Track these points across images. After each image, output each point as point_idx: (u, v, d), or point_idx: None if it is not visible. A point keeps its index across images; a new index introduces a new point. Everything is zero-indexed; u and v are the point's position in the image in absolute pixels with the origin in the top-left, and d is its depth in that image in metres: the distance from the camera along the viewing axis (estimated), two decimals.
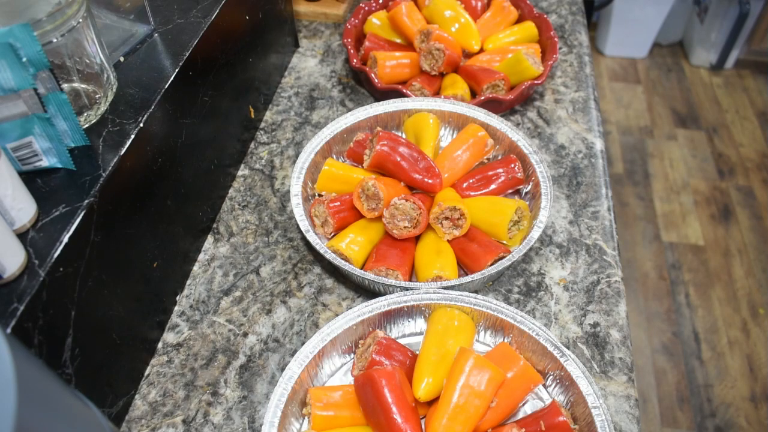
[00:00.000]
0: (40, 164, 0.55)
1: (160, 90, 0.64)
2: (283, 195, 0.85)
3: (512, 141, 0.82)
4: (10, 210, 0.48)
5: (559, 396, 0.62)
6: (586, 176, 0.86)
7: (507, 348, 0.63)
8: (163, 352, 0.69)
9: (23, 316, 0.46)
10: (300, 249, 0.79)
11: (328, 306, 0.73)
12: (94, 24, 0.58)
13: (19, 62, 0.47)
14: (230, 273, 0.76)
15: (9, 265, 0.47)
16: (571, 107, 0.97)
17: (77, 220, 0.52)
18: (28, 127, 0.52)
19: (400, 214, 0.72)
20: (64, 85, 0.59)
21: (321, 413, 0.59)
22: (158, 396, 0.65)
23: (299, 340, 0.70)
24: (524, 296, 0.73)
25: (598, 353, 0.68)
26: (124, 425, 0.63)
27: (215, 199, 0.82)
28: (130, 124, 0.60)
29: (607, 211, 0.82)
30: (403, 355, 0.63)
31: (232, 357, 0.68)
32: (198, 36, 0.71)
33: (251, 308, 0.73)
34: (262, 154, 0.90)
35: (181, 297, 0.74)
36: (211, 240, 0.80)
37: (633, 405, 0.64)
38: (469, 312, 0.66)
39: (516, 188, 0.81)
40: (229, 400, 0.65)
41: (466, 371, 0.57)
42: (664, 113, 2.49)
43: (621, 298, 0.73)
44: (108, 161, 0.57)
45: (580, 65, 1.05)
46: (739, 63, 2.70)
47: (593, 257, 0.77)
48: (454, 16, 0.99)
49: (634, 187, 2.21)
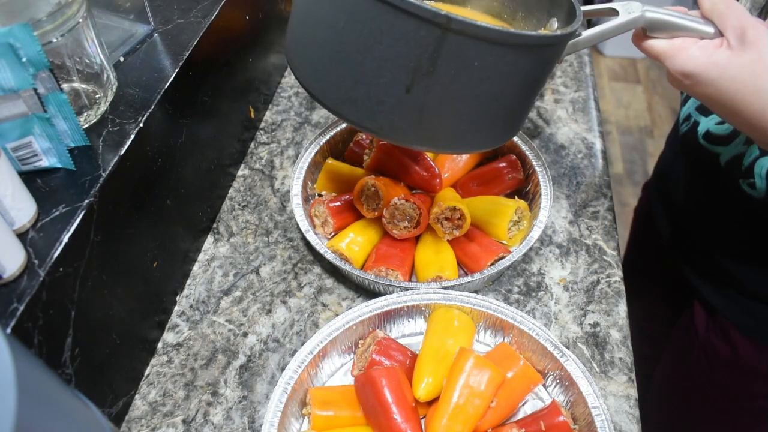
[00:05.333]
0: (40, 164, 0.55)
1: (160, 90, 0.64)
2: (283, 195, 0.85)
3: (512, 141, 0.82)
4: (10, 210, 0.48)
5: (559, 396, 0.62)
6: (586, 176, 0.86)
7: (507, 348, 0.63)
8: (163, 352, 0.69)
9: (23, 316, 0.46)
10: (300, 249, 0.79)
11: (328, 306, 0.73)
12: (94, 24, 0.58)
13: (19, 62, 0.47)
14: (230, 273, 0.76)
15: (9, 265, 0.47)
16: (570, 107, 0.97)
17: (77, 220, 0.52)
18: (28, 127, 0.52)
19: (400, 214, 0.72)
20: (64, 85, 0.59)
21: (321, 413, 0.59)
22: (158, 396, 0.65)
23: (299, 340, 0.70)
24: (524, 296, 0.73)
25: (598, 353, 0.68)
26: (124, 425, 0.63)
27: (215, 199, 0.82)
28: (130, 124, 0.60)
29: (607, 211, 0.82)
30: (403, 355, 0.63)
31: (232, 357, 0.68)
32: (198, 36, 0.71)
33: (251, 308, 0.73)
34: (262, 154, 0.90)
35: (181, 297, 0.74)
36: (211, 240, 0.80)
37: (633, 405, 0.64)
38: (469, 312, 0.66)
39: (516, 188, 0.81)
40: (229, 400, 0.65)
41: (466, 371, 0.57)
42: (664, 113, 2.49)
43: (621, 298, 0.73)
44: (108, 161, 0.57)
45: (580, 65, 1.05)
46: None
47: (593, 257, 0.77)
48: None
49: (634, 187, 2.21)
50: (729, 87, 0.52)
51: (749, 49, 0.51)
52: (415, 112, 0.53)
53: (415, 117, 0.53)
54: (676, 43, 0.55)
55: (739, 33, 0.52)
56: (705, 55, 0.53)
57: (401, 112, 0.53)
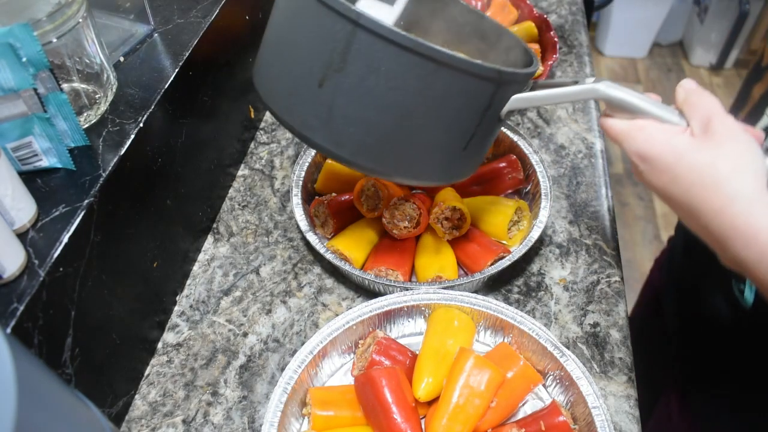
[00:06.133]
0: (40, 164, 0.55)
1: (160, 90, 0.64)
2: (283, 195, 0.85)
3: (512, 141, 0.82)
4: (10, 210, 0.48)
5: (559, 396, 0.62)
6: (586, 176, 0.86)
7: (507, 348, 0.63)
8: (163, 352, 0.69)
9: (23, 316, 0.46)
10: (300, 249, 0.79)
11: (328, 306, 0.73)
12: (94, 24, 0.58)
13: (19, 62, 0.47)
14: (230, 273, 0.76)
15: (9, 265, 0.47)
16: (571, 107, 0.97)
17: (77, 220, 0.52)
18: (28, 127, 0.52)
19: (400, 214, 0.72)
20: (64, 85, 0.59)
21: (321, 413, 0.59)
22: (158, 396, 0.65)
23: (299, 340, 0.70)
24: (524, 296, 0.73)
25: (598, 353, 0.68)
26: (124, 425, 0.63)
27: (215, 199, 0.82)
28: (130, 124, 0.60)
29: (607, 211, 0.82)
30: (403, 355, 0.63)
31: (232, 357, 0.68)
32: (198, 36, 0.71)
33: (251, 308, 0.73)
34: (262, 154, 0.90)
35: (181, 297, 0.74)
36: (211, 240, 0.80)
37: (633, 405, 0.64)
38: (469, 312, 0.66)
39: (516, 188, 0.81)
40: (229, 400, 0.65)
41: (466, 371, 0.57)
42: None
43: (621, 298, 0.73)
44: (108, 161, 0.57)
45: (580, 65, 1.05)
46: (739, 63, 2.70)
47: (593, 257, 0.77)
48: None
49: (634, 187, 2.21)
50: (685, 176, 0.47)
51: (712, 138, 0.47)
52: (325, 110, 0.53)
53: (325, 115, 0.53)
54: (637, 124, 0.51)
55: (705, 122, 0.48)
56: (664, 139, 0.49)
57: (313, 108, 0.54)
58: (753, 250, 0.44)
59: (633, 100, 0.51)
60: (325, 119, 0.54)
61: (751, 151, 0.46)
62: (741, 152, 0.46)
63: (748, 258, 0.45)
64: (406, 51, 0.49)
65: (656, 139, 0.49)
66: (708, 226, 0.47)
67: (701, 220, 0.47)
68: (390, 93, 0.51)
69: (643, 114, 0.51)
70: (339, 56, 0.51)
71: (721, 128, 0.47)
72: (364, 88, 0.52)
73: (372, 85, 0.51)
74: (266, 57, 0.59)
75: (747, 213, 0.44)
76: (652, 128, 0.50)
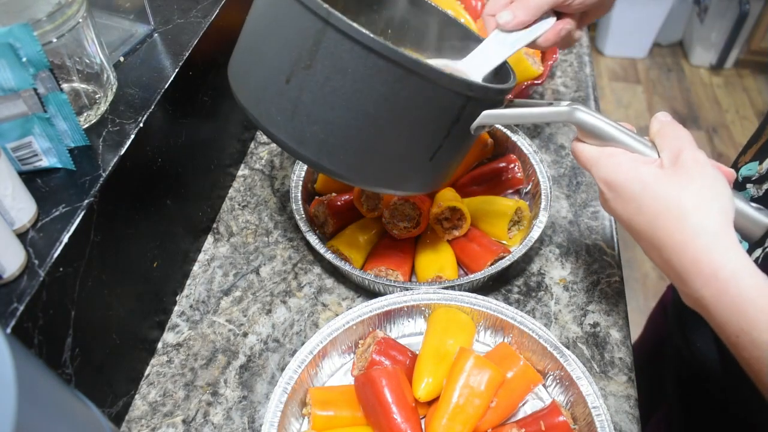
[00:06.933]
0: (40, 164, 0.55)
1: (160, 90, 0.64)
2: (283, 195, 0.85)
3: (512, 141, 0.82)
4: (9, 210, 0.48)
5: (559, 396, 0.62)
6: (586, 176, 0.86)
7: (507, 348, 0.63)
8: (163, 352, 0.69)
9: (23, 316, 0.46)
10: (300, 249, 0.79)
11: (328, 306, 0.73)
12: (94, 24, 0.58)
13: (19, 62, 0.47)
14: (230, 273, 0.76)
15: (9, 265, 0.47)
16: None
17: (77, 220, 0.52)
18: (28, 127, 0.52)
19: (400, 214, 0.72)
20: (64, 85, 0.59)
21: (321, 413, 0.59)
22: (158, 396, 0.65)
23: (299, 340, 0.70)
24: (524, 296, 0.73)
25: (598, 353, 0.68)
26: (124, 425, 0.63)
27: (215, 199, 0.82)
28: (130, 124, 0.60)
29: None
30: (403, 355, 0.63)
31: (232, 357, 0.68)
32: (198, 36, 0.71)
33: (251, 308, 0.73)
34: (262, 154, 0.90)
35: (181, 297, 0.74)
36: (211, 240, 0.80)
37: (633, 405, 0.64)
38: (469, 312, 0.66)
39: (516, 188, 0.81)
40: (229, 400, 0.65)
41: (466, 371, 0.57)
42: None
43: (621, 298, 0.73)
44: (108, 161, 0.57)
45: (580, 65, 1.05)
46: (739, 63, 2.70)
47: (593, 257, 0.77)
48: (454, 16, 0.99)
49: None
50: (650, 206, 0.46)
51: (680, 171, 0.46)
52: (290, 106, 0.53)
53: (290, 112, 0.54)
54: (606, 151, 0.51)
55: (675, 154, 0.47)
56: (632, 167, 0.48)
57: (278, 103, 0.54)
58: (712, 287, 0.43)
59: (605, 127, 0.51)
60: (290, 116, 0.54)
61: (718, 187, 0.46)
62: (708, 187, 0.45)
63: (705, 296, 0.44)
64: (373, 54, 0.49)
65: (624, 167, 0.49)
66: (670, 260, 0.46)
67: (664, 254, 0.46)
68: (355, 95, 0.51)
69: (614, 142, 0.51)
70: (308, 54, 0.51)
71: (691, 162, 0.46)
72: (330, 88, 0.51)
73: (338, 85, 0.51)
74: (240, 50, 0.59)
75: (709, 249, 0.43)
76: (622, 156, 0.50)
